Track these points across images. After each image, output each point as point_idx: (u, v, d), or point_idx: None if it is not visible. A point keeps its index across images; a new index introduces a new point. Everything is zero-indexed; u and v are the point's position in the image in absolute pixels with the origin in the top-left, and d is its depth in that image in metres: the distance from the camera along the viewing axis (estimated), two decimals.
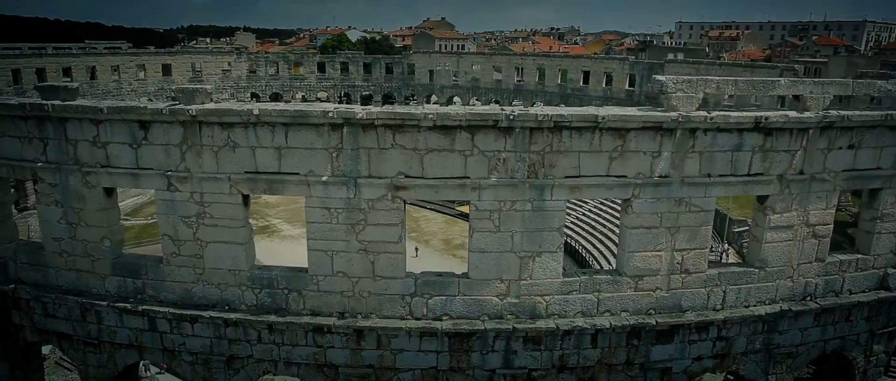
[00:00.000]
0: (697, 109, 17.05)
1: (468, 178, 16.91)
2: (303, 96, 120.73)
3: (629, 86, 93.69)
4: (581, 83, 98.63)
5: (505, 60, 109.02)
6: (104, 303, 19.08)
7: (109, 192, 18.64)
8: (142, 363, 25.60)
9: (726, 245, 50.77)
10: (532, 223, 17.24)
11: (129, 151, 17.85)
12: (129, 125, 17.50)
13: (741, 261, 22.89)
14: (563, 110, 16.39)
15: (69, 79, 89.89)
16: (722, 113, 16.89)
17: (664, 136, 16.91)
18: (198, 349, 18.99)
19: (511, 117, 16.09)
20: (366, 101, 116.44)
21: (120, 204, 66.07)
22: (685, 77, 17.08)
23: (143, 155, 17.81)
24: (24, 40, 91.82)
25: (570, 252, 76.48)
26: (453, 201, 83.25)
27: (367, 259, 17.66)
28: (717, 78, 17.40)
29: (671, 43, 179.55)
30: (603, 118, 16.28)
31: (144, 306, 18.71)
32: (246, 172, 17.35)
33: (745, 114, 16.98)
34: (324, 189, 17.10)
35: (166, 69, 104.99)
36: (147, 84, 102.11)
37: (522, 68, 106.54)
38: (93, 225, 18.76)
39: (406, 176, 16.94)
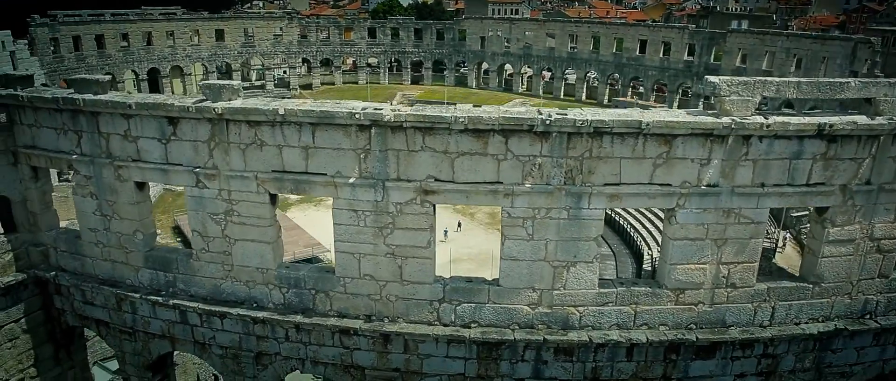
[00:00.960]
0: (753, 114, 15.68)
1: (501, 183, 16.07)
2: (353, 62, 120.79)
3: (688, 55, 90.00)
4: (637, 52, 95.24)
5: (559, 27, 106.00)
6: (137, 295, 19.23)
7: (141, 186, 18.58)
8: None
9: (784, 232, 48.47)
10: (567, 232, 16.35)
11: (159, 147, 17.67)
12: (158, 121, 17.28)
13: (800, 248, 21.27)
14: (604, 115, 15.29)
15: (127, 44, 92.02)
16: (781, 119, 15.47)
17: (714, 142, 15.64)
18: (227, 344, 19.00)
19: (547, 122, 15.10)
20: (416, 67, 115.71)
21: None
22: (741, 79, 15.66)
23: (173, 151, 17.60)
24: (84, 7, 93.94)
25: (611, 225, 75.02)
26: None
27: (395, 263, 17.14)
28: (777, 80, 15.89)
29: (737, 8, 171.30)
30: (647, 124, 15.12)
31: (175, 301, 18.75)
32: (273, 171, 16.95)
33: (807, 120, 15.52)
34: (351, 191, 16.56)
35: (219, 34, 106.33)
36: (200, 50, 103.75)
37: (576, 35, 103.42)
38: (125, 218, 18.79)
39: (436, 180, 16.22)
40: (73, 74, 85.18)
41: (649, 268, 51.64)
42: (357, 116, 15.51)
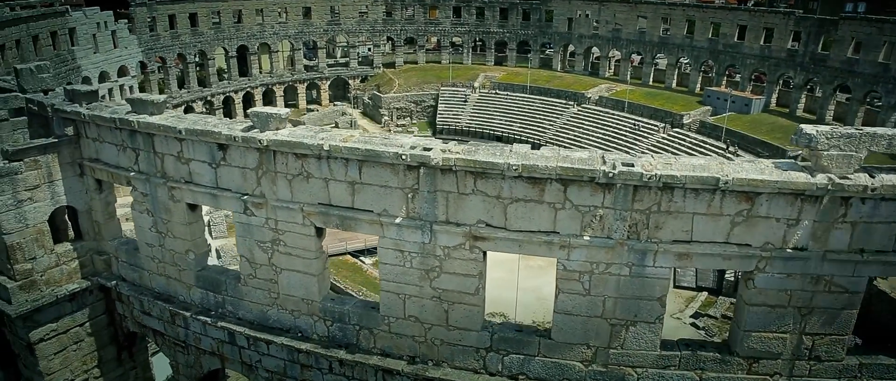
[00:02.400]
0: (856, 172, 13.55)
1: (557, 233, 14.73)
2: (437, 41, 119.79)
3: (793, 42, 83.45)
4: (735, 38, 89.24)
5: (651, 9, 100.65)
6: (188, 313, 19.27)
7: (193, 207, 18.43)
8: None
9: None
10: (628, 290, 14.85)
11: (210, 171, 17.40)
12: (209, 145, 16.96)
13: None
14: (676, 169, 13.59)
15: (218, 22, 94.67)
16: (891, 179, 13.28)
17: (806, 202, 13.65)
18: (273, 369, 18.77)
19: (611, 175, 13.58)
20: (500, 47, 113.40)
21: None
22: (843, 131, 13.53)
23: (222, 176, 17.29)
24: None
25: None
26: None
27: (441, 307, 16.20)
28: (889, 132, 13.62)
29: None
30: (726, 182, 13.33)
31: (223, 323, 18.64)
32: (319, 204, 16.30)
33: None
34: (397, 231, 15.68)
35: (307, 12, 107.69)
36: (288, 27, 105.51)
37: (670, 18, 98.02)
38: (178, 237, 18.77)
39: (487, 225, 15.07)
40: (168, 51, 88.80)
41: (732, 278, 48.49)
42: (404, 156, 14.52)
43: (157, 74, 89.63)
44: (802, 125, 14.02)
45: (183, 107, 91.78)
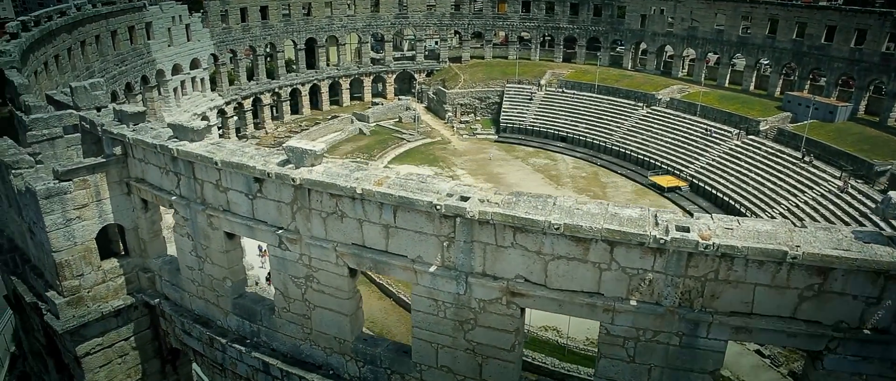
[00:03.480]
0: None
1: (601, 295, 13.56)
2: (505, 36, 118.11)
3: (889, 43, 77.67)
4: (823, 39, 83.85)
5: (730, 7, 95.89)
6: (224, 339, 19.09)
7: (231, 235, 18.14)
8: None
9: None
10: (677, 361, 13.54)
11: (247, 201, 17.05)
12: (246, 176, 16.58)
13: None
14: (737, 239, 12.17)
15: (288, 15, 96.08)
16: None
17: (891, 280, 12.00)
18: None
19: (663, 241, 12.30)
20: (569, 44, 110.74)
21: (318, 140, 69.74)
22: None
23: (259, 207, 16.90)
24: None
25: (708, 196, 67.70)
26: (647, 168, 76.79)
27: (475, 360, 15.30)
28: None
29: None
30: (795, 257, 11.84)
31: (257, 353, 18.35)
32: (353, 245, 15.65)
33: None
34: (432, 280, 14.85)
35: (375, 5, 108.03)
36: (356, 20, 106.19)
37: (751, 16, 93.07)
38: (217, 264, 18.56)
39: (526, 281, 14.03)
40: (239, 44, 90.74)
41: None
42: (438, 207, 13.64)
43: (228, 66, 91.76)
44: (892, 193, 12.29)
45: (251, 98, 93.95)
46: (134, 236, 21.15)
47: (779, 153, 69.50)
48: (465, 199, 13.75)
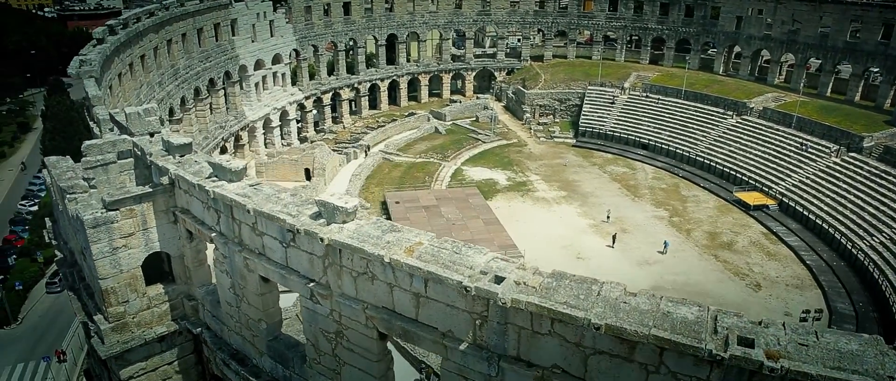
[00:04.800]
0: None
1: None
2: (590, 35, 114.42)
3: None
4: None
5: (839, 10, 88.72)
6: (258, 380, 18.62)
7: (267, 278, 17.56)
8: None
9: None
10: None
11: (281, 249, 16.38)
12: (280, 224, 15.88)
13: None
14: (812, 363, 10.28)
15: (370, 11, 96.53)
16: None
17: None
18: None
19: (718, 357, 10.59)
20: (657, 45, 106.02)
21: (394, 137, 69.49)
22: None
23: (292, 256, 16.19)
24: None
25: (798, 217, 62.32)
26: (733, 182, 72.20)
27: None
28: None
29: None
30: None
31: None
32: (383, 308, 14.66)
33: None
34: (462, 357, 13.64)
35: (457, 2, 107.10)
36: (437, 17, 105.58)
37: (862, 19, 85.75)
38: (252, 305, 18.06)
39: (563, 372, 12.60)
40: (321, 39, 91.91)
41: None
42: (468, 288, 12.39)
43: (309, 61, 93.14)
44: None
45: (330, 93, 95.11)
46: (180, 264, 21.04)
47: (884, 175, 63.55)
48: (499, 280, 12.44)
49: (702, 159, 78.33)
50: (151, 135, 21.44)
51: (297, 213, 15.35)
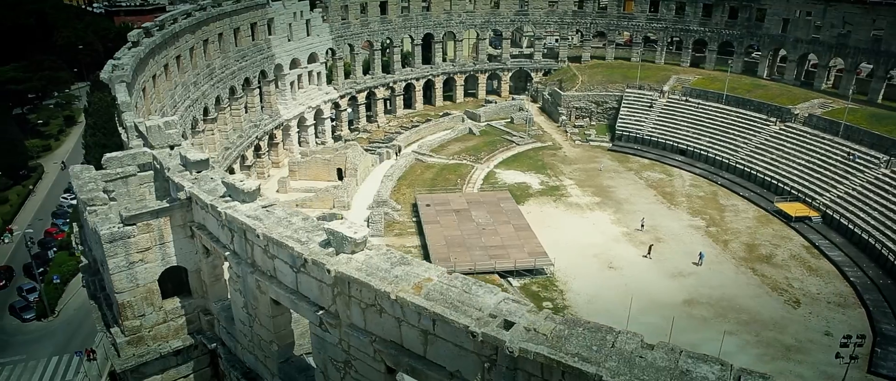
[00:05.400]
0: None
1: None
2: (629, 36, 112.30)
3: None
4: None
5: (892, 13, 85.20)
6: None
7: (278, 302, 17.25)
8: None
9: None
10: None
11: (291, 273, 16.02)
12: (288, 252, 15.52)
13: None
14: None
15: (407, 10, 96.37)
16: None
17: None
18: None
19: None
20: (698, 47, 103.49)
21: (427, 138, 69.72)
22: None
23: (302, 282, 15.82)
24: None
25: (843, 231, 59.66)
26: (774, 192, 69.79)
27: None
28: None
29: None
30: None
31: None
32: (392, 343, 14.16)
33: None
34: None
35: (495, 2, 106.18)
36: (475, 17, 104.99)
37: None
38: (264, 326, 17.79)
39: None
40: (357, 39, 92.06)
41: None
42: (474, 333, 11.80)
43: (345, 59, 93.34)
44: None
45: (365, 92, 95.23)
46: (196, 278, 20.93)
47: None
48: (508, 325, 11.82)
49: (742, 167, 76.00)
50: (171, 147, 21.34)
51: (307, 240, 14.97)
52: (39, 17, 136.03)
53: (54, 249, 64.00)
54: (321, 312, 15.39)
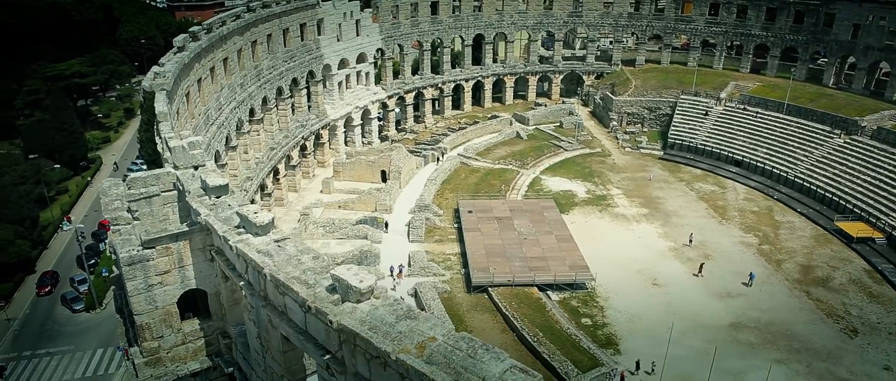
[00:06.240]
0: None
1: None
2: (687, 41, 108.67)
3: None
4: None
5: None
6: None
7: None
8: None
9: None
10: None
11: (300, 313, 15.56)
12: (292, 296, 15.06)
13: None
14: None
15: (458, 10, 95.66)
16: None
17: None
18: None
19: None
20: (759, 52, 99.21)
21: (473, 141, 68.94)
22: None
23: (310, 322, 15.34)
24: None
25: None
26: (834, 210, 66.25)
27: None
28: None
29: None
30: None
31: None
32: None
33: None
34: None
35: (548, 2, 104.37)
36: (527, 17, 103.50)
37: None
38: (275, 360, 17.42)
39: None
40: (406, 39, 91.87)
41: None
42: None
43: (394, 59, 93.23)
44: None
45: (414, 92, 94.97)
46: (216, 301, 20.79)
47: None
48: None
49: (801, 181, 72.44)
50: (195, 168, 21.23)
51: (314, 282, 14.48)
52: (107, 12, 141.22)
53: (106, 241, 66.06)
54: (328, 357, 14.88)
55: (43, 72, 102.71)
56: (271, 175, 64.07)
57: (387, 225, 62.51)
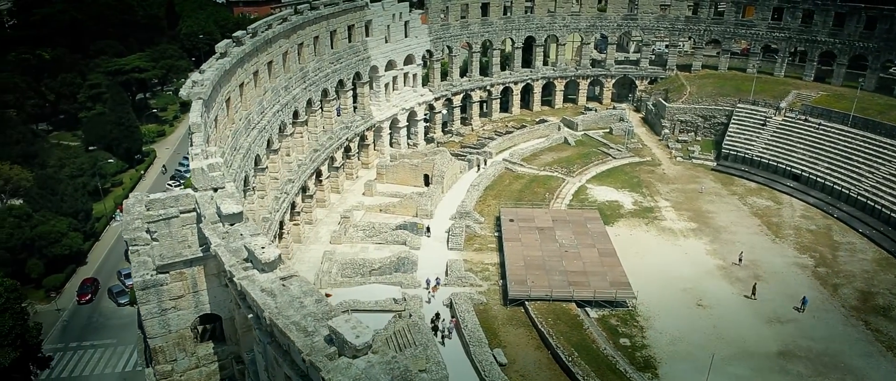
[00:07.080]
0: None
1: None
2: (747, 46, 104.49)
3: None
4: None
5: None
6: None
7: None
8: None
9: None
10: None
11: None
12: (288, 343, 14.58)
13: None
14: None
15: (509, 12, 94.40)
16: None
17: None
18: None
19: None
20: (825, 60, 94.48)
21: (520, 145, 67.80)
22: None
23: (311, 369, 14.81)
24: None
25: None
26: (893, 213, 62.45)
27: None
28: None
29: None
30: None
31: None
32: None
33: None
34: None
35: (602, 4, 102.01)
36: (579, 20, 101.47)
37: None
38: None
39: None
40: (455, 40, 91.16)
41: None
42: None
43: (443, 59, 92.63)
44: None
45: (462, 94, 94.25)
46: (230, 325, 20.59)
47: None
48: None
49: (865, 200, 68.47)
50: (215, 190, 21.06)
51: (313, 330, 13.99)
52: (169, 8, 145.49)
53: None
54: None
55: (105, 66, 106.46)
56: (314, 177, 64.40)
57: (429, 229, 62.03)
